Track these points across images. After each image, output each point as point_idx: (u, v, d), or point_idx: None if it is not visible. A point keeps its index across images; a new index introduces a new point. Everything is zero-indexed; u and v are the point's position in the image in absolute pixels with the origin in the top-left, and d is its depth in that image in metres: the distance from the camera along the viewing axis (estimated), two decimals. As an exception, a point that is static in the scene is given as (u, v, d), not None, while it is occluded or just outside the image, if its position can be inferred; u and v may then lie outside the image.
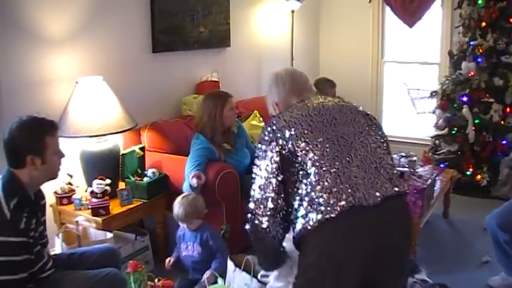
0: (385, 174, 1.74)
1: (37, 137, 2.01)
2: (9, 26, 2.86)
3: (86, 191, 3.03)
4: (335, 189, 1.66)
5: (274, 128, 1.82)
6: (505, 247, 2.84)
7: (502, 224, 2.81)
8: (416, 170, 3.56)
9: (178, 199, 2.79)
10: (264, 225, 1.81)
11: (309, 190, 1.69)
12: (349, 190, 1.66)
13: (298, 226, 1.70)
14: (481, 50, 4.38)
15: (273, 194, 1.79)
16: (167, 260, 2.92)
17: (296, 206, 1.73)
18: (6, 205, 1.90)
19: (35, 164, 1.99)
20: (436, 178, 3.62)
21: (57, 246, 2.76)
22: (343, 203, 1.64)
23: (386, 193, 1.69)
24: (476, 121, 4.37)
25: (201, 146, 3.23)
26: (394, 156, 3.64)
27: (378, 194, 1.67)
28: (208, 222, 2.89)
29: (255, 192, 1.83)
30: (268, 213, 1.80)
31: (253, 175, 1.86)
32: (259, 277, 2.35)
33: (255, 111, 4.27)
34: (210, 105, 3.31)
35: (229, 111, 3.35)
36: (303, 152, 1.73)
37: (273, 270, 2.09)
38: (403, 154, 3.68)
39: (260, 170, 1.83)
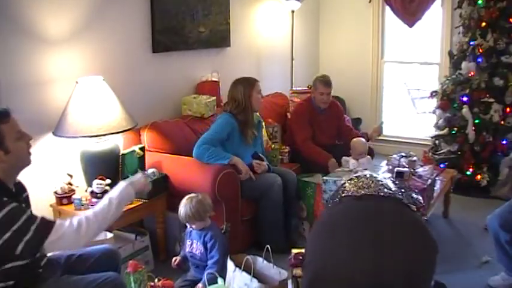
0: None
1: None
2: (9, 25, 2.85)
3: (86, 191, 3.04)
4: None
5: None
6: (506, 247, 2.84)
7: (505, 224, 2.81)
8: (416, 170, 3.55)
9: (184, 200, 2.78)
10: None
11: None
12: None
13: None
14: (481, 50, 4.38)
15: None
16: (173, 259, 2.92)
17: None
18: None
19: None
20: (436, 178, 3.62)
21: (57, 246, 2.76)
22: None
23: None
24: (476, 121, 4.37)
25: (227, 121, 3.40)
26: (394, 156, 3.65)
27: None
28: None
29: None
30: None
31: None
32: None
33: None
34: (240, 88, 3.48)
35: (258, 93, 3.53)
36: None
37: None
38: (403, 154, 3.68)
39: None
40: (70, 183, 3.08)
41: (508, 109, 4.35)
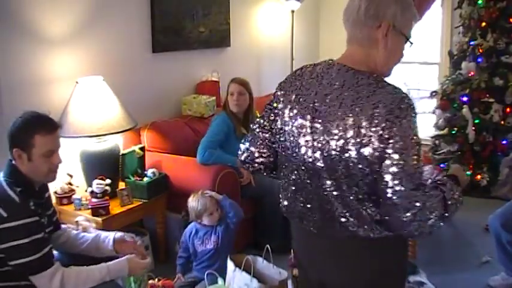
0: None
1: (26, 132, 1.97)
2: (10, 25, 2.86)
3: (86, 191, 3.03)
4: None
5: None
6: (507, 247, 2.84)
7: (506, 224, 2.81)
8: (417, 170, 3.55)
9: (192, 197, 2.84)
10: None
11: None
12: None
13: None
14: (481, 50, 4.38)
15: None
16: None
17: None
18: (12, 191, 1.91)
19: (21, 158, 1.97)
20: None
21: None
22: None
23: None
24: (476, 121, 4.37)
25: (222, 121, 3.42)
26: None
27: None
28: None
29: None
30: None
31: None
32: None
33: (256, 112, 4.26)
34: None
35: (230, 96, 3.50)
36: None
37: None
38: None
39: None
40: (70, 183, 3.08)
41: (508, 109, 4.35)
